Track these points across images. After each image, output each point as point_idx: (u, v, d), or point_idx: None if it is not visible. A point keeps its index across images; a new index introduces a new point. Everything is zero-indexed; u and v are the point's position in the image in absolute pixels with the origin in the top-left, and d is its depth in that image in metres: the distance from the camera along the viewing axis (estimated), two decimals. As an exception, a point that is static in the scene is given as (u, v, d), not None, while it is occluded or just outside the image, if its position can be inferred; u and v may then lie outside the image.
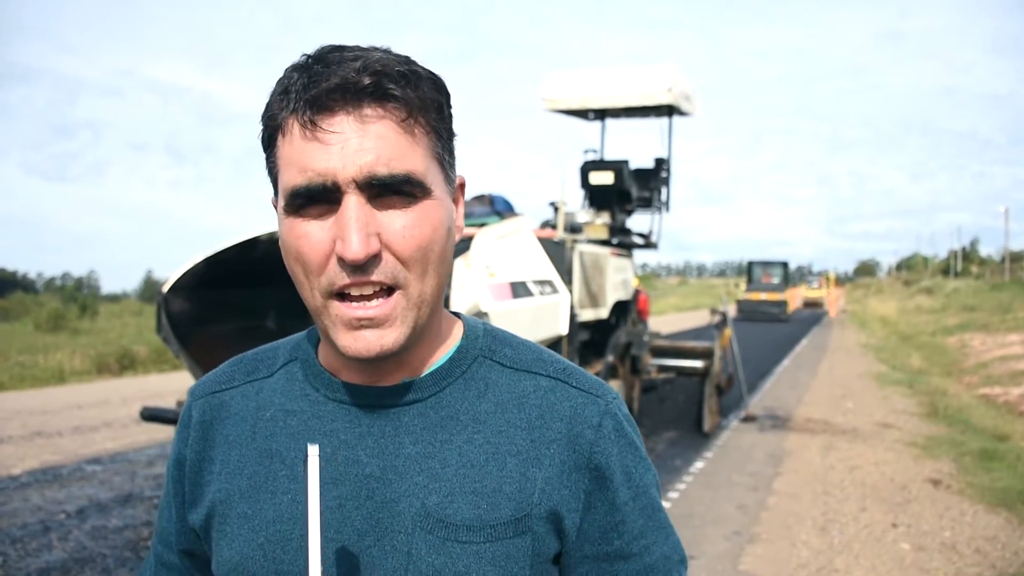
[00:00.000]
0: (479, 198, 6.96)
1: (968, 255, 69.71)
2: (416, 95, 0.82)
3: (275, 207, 0.87)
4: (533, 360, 0.95)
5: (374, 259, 0.80)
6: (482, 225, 5.92)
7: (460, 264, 5.01)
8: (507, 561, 0.85)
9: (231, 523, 0.91)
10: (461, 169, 0.93)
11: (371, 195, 0.80)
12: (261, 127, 0.85)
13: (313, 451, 0.77)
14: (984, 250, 75.81)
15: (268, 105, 0.84)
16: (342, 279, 0.81)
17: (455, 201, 0.91)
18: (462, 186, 0.94)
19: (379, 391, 0.90)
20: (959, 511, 6.26)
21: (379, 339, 0.82)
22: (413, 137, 0.82)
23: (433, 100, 0.84)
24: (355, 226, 0.78)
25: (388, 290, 0.82)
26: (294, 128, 0.81)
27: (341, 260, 0.80)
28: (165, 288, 4.85)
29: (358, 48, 0.83)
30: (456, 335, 0.96)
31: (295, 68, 0.82)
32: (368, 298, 0.82)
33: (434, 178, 0.84)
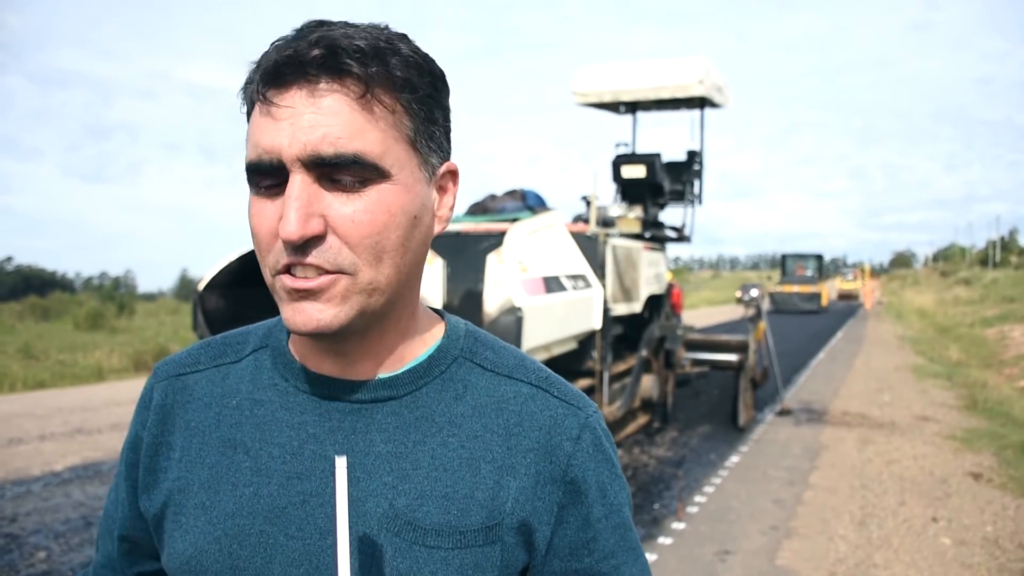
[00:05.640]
0: (511, 193, 6.97)
1: (1007, 245, 68.49)
2: (379, 70, 0.77)
3: None
4: (515, 366, 0.91)
5: (314, 241, 0.76)
6: (514, 220, 5.92)
7: (493, 259, 5.02)
8: (475, 570, 0.82)
9: (187, 514, 0.86)
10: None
11: (319, 175, 0.76)
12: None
13: (341, 463, 0.74)
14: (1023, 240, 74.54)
15: (246, 78, 0.81)
16: (284, 258, 0.77)
17: (442, 188, 0.87)
18: (453, 173, 0.88)
19: (352, 385, 0.86)
20: (1001, 505, 6.16)
21: (317, 313, 0.78)
22: (371, 115, 0.77)
23: (404, 78, 0.78)
24: (294, 206, 0.75)
25: (332, 274, 0.78)
26: (256, 102, 0.78)
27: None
28: (201, 286, 4.90)
29: (345, 24, 0.79)
30: (436, 334, 0.91)
31: (274, 41, 0.79)
32: (310, 278, 0.78)
33: (397, 160, 0.79)
